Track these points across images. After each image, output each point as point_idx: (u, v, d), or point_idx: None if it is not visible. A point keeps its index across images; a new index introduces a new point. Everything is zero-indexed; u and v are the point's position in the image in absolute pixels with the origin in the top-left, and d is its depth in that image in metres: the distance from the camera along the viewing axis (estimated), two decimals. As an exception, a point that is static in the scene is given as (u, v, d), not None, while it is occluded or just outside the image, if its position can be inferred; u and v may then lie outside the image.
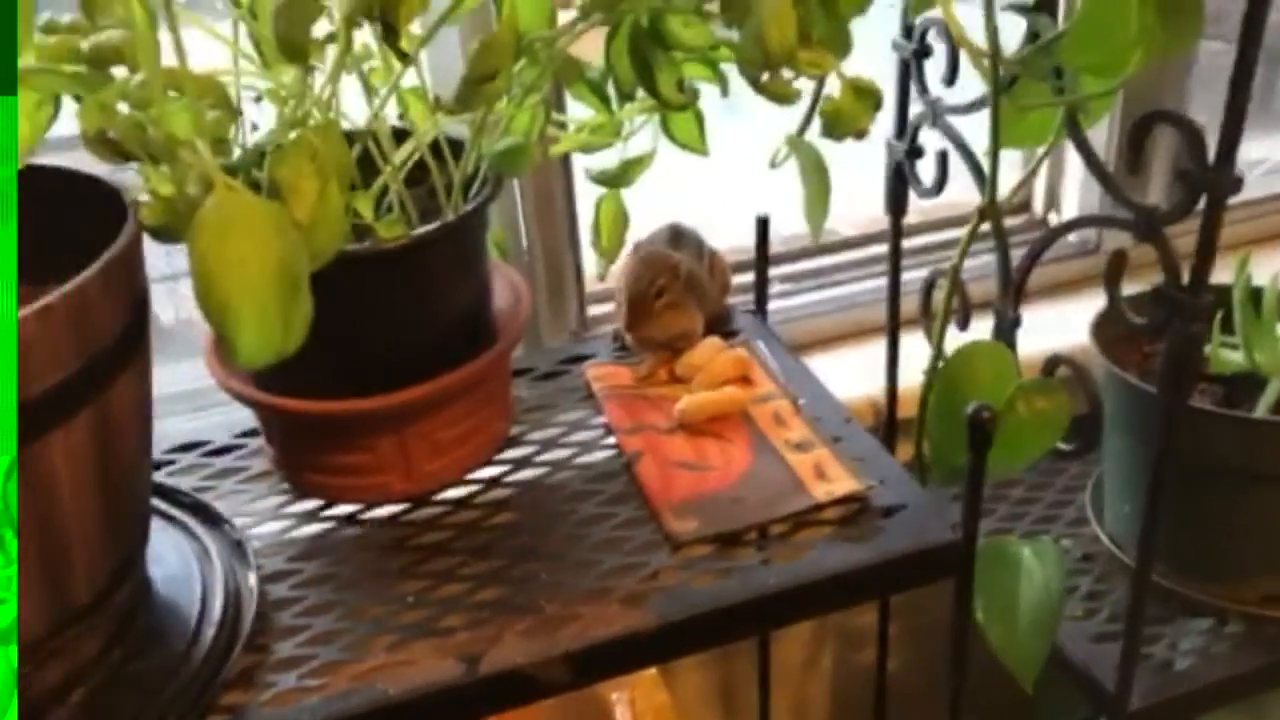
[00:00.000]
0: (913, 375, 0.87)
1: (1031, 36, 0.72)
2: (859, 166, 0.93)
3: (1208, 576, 0.92)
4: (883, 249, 1.18)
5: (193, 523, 0.71)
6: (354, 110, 0.68)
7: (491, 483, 0.76)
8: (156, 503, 0.71)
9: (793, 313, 1.16)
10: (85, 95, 0.55)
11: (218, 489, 0.77)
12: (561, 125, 0.81)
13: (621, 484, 0.76)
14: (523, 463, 0.78)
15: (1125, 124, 1.12)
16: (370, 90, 0.68)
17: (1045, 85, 0.71)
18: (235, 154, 0.63)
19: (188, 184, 0.55)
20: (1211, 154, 0.65)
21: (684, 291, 0.84)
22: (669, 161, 0.83)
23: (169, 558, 0.68)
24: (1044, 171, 1.24)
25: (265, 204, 0.52)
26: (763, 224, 0.93)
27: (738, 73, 0.64)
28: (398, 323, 0.70)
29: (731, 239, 1.03)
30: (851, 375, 1.08)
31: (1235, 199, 0.66)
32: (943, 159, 0.83)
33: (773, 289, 1.01)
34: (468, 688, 0.60)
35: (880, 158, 0.90)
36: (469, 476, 0.76)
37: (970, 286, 0.81)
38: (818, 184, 0.80)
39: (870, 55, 0.70)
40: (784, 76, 0.62)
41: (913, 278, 0.92)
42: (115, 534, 0.58)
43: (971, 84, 0.75)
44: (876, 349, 1.02)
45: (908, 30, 0.83)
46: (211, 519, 0.72)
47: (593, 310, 1.09)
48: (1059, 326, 1.04)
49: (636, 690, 0.97)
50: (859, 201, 1.18)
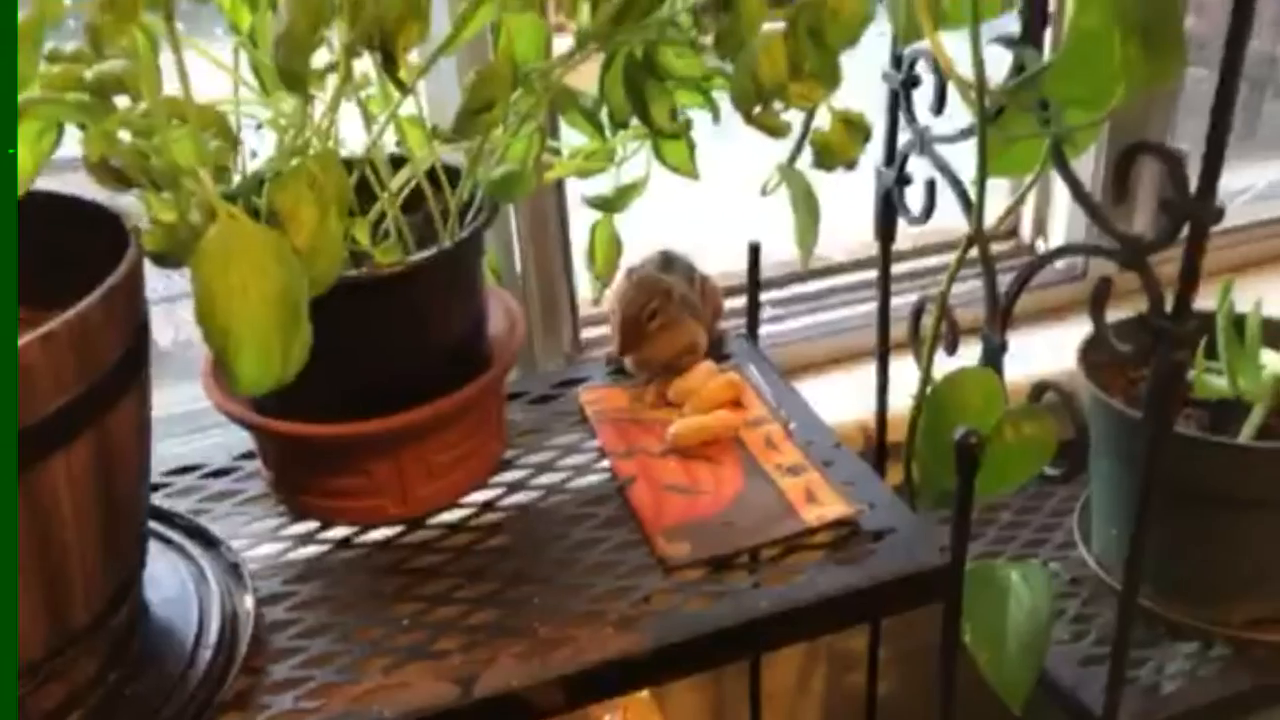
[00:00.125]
0: (902, 400, 0.88)
1: (1017, 68, 0.73)
2: (850, 193, 0.94)
3: (1194, 600, 0.93)
4: (872, 274, 1.18)
5: (189, 545, 0.72)
6: (352, 137, 0.68)
7: (486, 506, 0.77)
8: (154, 525, 0.72)
9: (784, 337, 1.16)
10: (89, 124, 0.56)
11: (214, 511, 0.77)
12: (555, 151, 0.82)
13: (614, 507, 0.76)
14: (517, 486, 0.79)
15: (1111, 153, 1.14)
16: (368, 118, 0.69)
17: (1031, 116, 0.72)
18: (235, 180, 0.64)
19: (190, 211, 0.56)
20: (1194, 184, 0.66)
21: (678, 310, 0.85)
22: (661, 187, 0.84)
23: (166, 580, 0.68)
24: (1031, 198, 1.24)
25: (266, 232, 0.53)
26: (754, 250, 0.94)
27: (730, 103, 0.65)
28: (394, 347, 0.70)
29: (723, 264, 1.04)
30: (842, 399, 1.09)
31: (1218, 226, 0.67)
32: (931, 187, 0.84)
33: (764, 314, 1.01)
34: (463, 710, 0.61)
35: (870, 184, 0.91)
36: (464, 500, 0.77)
37: (958, 312, 0.82)
38: (807, 212, 0.81)
39: (860, 84, 0.71)
40: (775, 108, 0.63)
41: (902, 303, 0.92)
42: (114, 556, 0.59)
43: (959, 113, 0.76)
44: (866, 373, 1.03)
45: (897, 61, 0.84)
46: (208, 541, 0.72)
47: (587, 333, 1.10)
48: (1046, 352, 1.05)
49: (630, 712, 0.97)
50: (850, 227, 1.19)
